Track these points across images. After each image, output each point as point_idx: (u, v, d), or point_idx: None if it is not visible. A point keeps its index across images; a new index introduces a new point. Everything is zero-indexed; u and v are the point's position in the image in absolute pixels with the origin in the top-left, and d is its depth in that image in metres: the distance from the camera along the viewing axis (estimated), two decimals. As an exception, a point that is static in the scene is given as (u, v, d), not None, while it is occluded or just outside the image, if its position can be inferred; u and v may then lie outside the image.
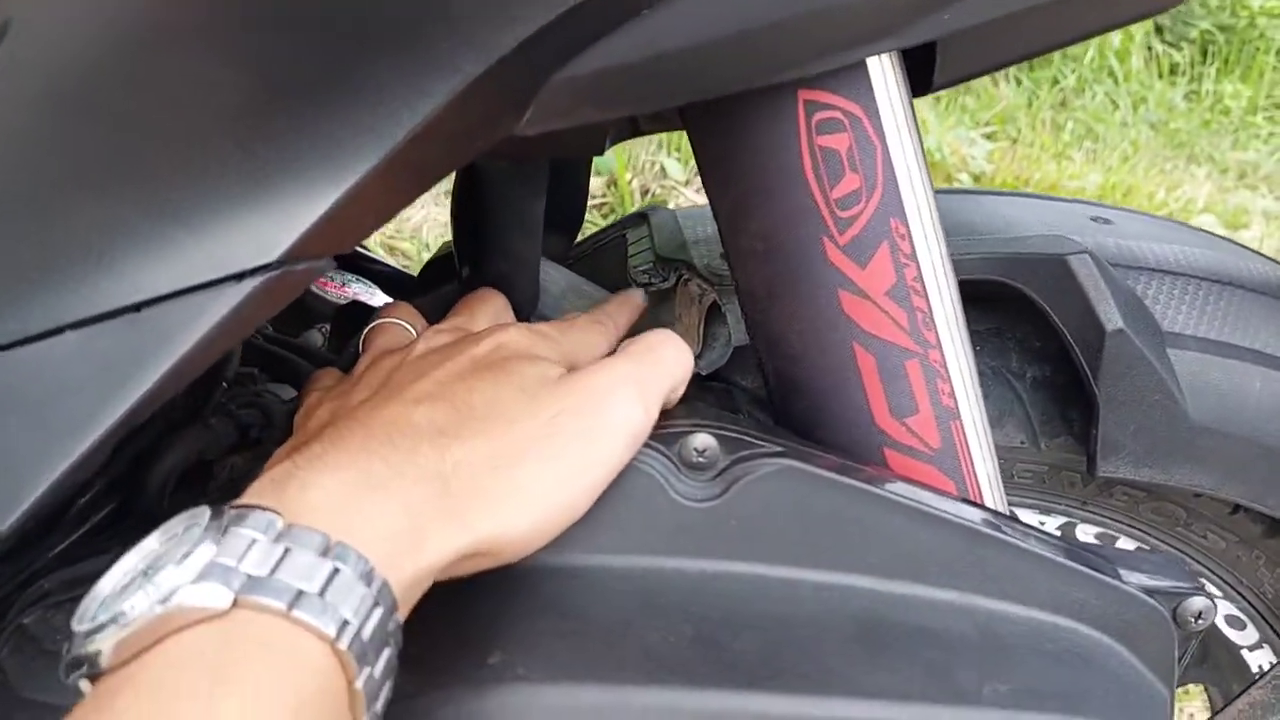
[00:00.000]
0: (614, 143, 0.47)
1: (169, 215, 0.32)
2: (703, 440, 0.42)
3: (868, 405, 0.47)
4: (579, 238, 0.68)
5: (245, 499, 0.34)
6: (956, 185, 2.96)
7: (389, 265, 0.76)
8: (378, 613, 0.33)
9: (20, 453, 0.32)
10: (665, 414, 0.44)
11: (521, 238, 0.52)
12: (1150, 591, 0.45)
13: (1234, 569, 0.63)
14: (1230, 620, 0.65)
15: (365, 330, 0.49)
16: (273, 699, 0.30)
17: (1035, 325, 0.58)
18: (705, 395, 0.54)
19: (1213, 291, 0.57)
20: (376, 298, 0.77)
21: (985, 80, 3.93)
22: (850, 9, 0.38)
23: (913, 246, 0.45)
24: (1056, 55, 3.96)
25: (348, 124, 0.33)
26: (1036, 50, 0.48)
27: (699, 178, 2.22)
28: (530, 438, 0.38)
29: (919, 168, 0.45)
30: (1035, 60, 3.99)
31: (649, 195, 2.49)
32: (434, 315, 0.51)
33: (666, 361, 0.43)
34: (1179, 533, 0.62)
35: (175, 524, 0.34)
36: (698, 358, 0.57)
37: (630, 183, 2.49)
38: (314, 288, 0.78)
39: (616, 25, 0.36)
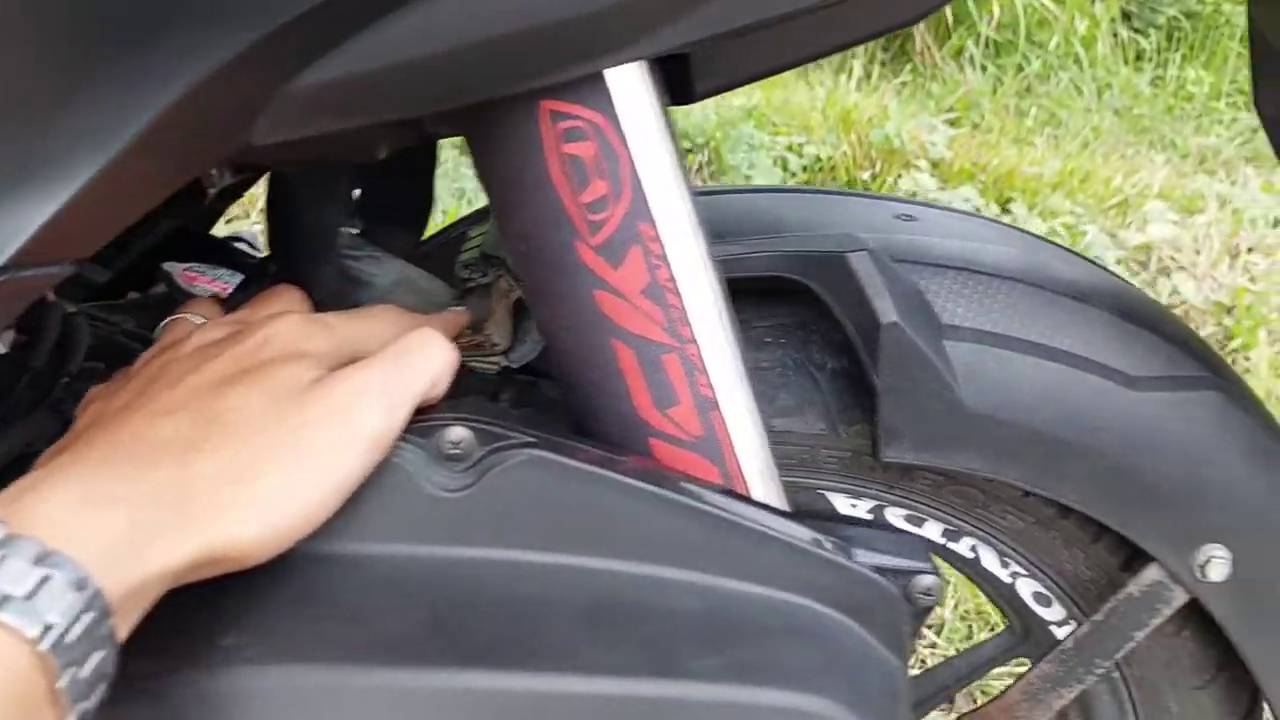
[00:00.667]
0: (394, 148, 0.49)
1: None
2: (458, 433, 0.45)
3: (631, 398, 0.50)
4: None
5: None
6: (912, 171, 2.99)
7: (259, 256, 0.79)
8: (87, 617, 0.35)
9: None
10: (428, 407, 0.46)
11: (320, 234, 0.55)
12: (881, 570, 0.48)
13: (1034, 549, 0.66)
14: (1038, 597, 0.68)
15: (160, 325, 0.51)
16: None
17: (835, 319, 0.61)
18: (506, 388, 0.56)
19: (993, 285, 0.60)
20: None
21: (952, 66, 3.95)
22: (576, 25, 0.41)
23: (664, 249, 0.48)
24: (1022, 40, 3.99)
25: (68, 130, 0.36)
26: (799, 59, 0.51)
27: None
28: (271, 449, 0.40)
29: (672, 174, 0.48)
30: (1001, 46, 4.01)
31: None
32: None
33: (418, 364, 0.45)
34: (979, 514, 0.65)
35: None
36: (508, 352, 0.60)
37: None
38: (183, 282, 0.80)
39: (348, 35, 0.39)
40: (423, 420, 0.46)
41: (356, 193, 0.71)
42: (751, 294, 0.63)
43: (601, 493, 0.45)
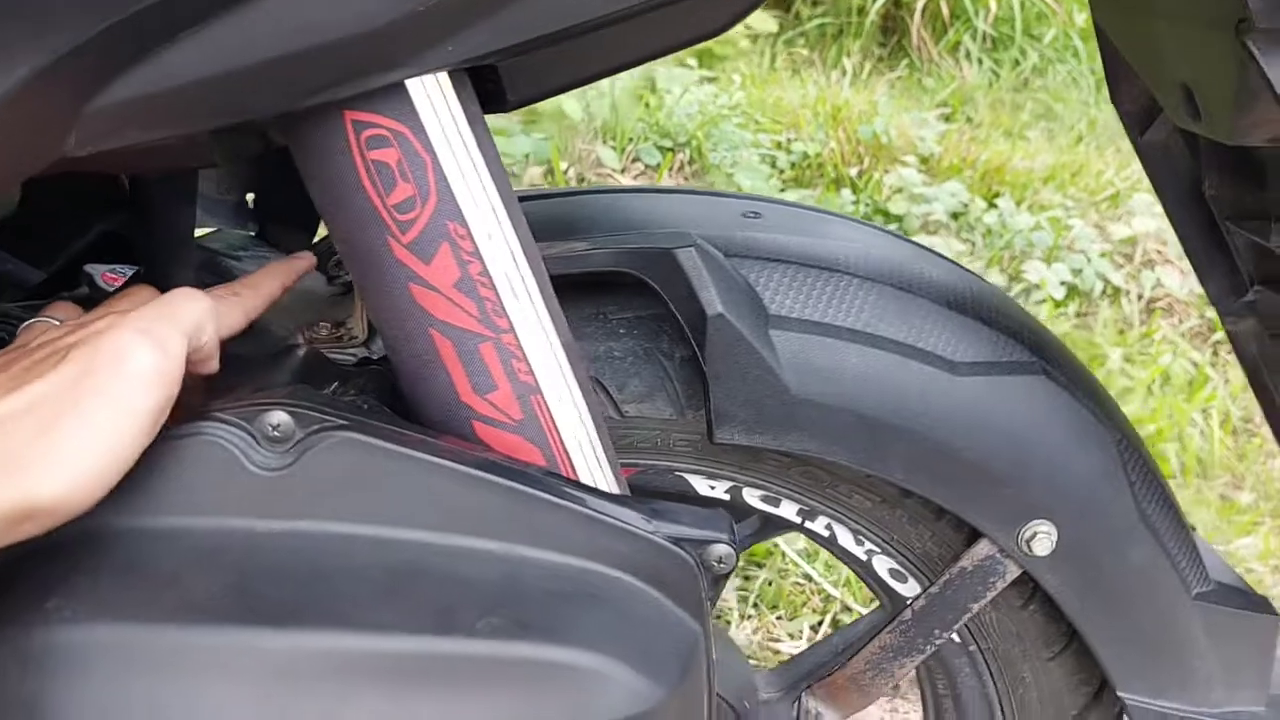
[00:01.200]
0: (228, 157, 0.54)
1: None
2: (278, 416, 0.49)
3: (452, 384, 0.54)
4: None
5: None
6: (898, 167, 3.01)
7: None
8: None
9: None
10: (254, 392, 0.51)
11: (178, 236, 0.59)
12: (678, 540, 0.52)
13: (884, 527, 0.70)
14: (893, 574, 0.71)
15: (20, 326, 0.55)
16: None
17: (679, 311, 0.64)
18: (359, 377, 0.61)
19: (824, 278, 0.63)
20: None
21: (949, 61, 3.96)
22: (362, 40, 0.45)
23: (475, 245, 0.52)
24: (1019, 34, 4.00)
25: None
26: (606, 70, 0.55)
27: (636, 163, 2.27)
28: (57, 403, 0.43)
29: (481, 176, 0.52)
30: (998, 40, 4.02)
31: (584, 183, 2.56)
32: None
33: (176, 307, 0.48)
34: (829, 494, 0.69)
35: None
36: (368, 343, 0.64)
37: (566, 171, 2.56)
38: (103, 283, 0.85)
39: (145, 54, 0.43)
40: (246, 404, 0.50)
41: (250, 196, 0.75)
42: (612, 288, 0.67)
43: (405, 469, 0.49)
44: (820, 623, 1.46)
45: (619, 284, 0.65)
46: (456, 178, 0.51)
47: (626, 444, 0.67)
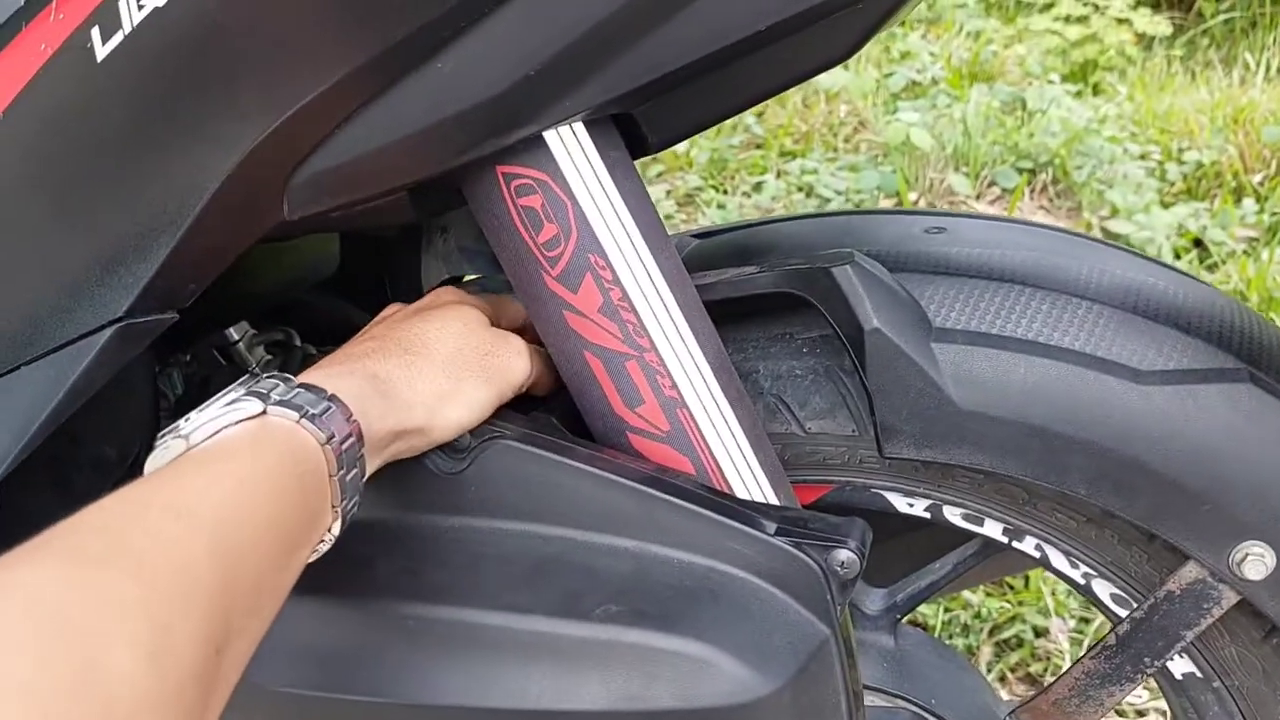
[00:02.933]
0: (426, 212, 0.64)
1: (48, 301, 0.55)
2: (456, 426, 0.59)
3: (606, 399, 0.60)
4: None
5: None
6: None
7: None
8: (351, 439, 0.51)
9: None
10: None
11: (406, 284, 0.70)
12: (801, 545, 0.54)
13: (1094, 547, 0.66)
14: (1116, 599, 0.67)
15: None
16: (286, 464, 0.48)
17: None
18: (556, 398, 0.68)
19: (991, 288, 0.62)
20: None
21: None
22: (492, 105, 0.53)
23: (615, 274, 0.58)
24: None
25: (148, 215, 0.54)
26: (731, 109, 0.59)
27: (991, 188, 2.25)
28: (469, 364, 0.58)
29: (619, 213, 0.58)
30: None
31: (935, 211, 2.52)
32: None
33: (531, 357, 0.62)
34: (1030, 512, 0.66)
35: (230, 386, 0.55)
36: None
37: (915, 201, 2.54)
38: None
39: (330, 133, 0.54)
40: (433, 417, 0.59)
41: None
42: (799, 309, 0.70)
43: (555, 473, 0.56)
44: None
45: (806, 306, 0.68)
46: (595, 216, 0.57)
47: (815, 460, 0.69)
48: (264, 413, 0.50)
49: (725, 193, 2.69)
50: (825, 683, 0.53)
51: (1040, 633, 1.43)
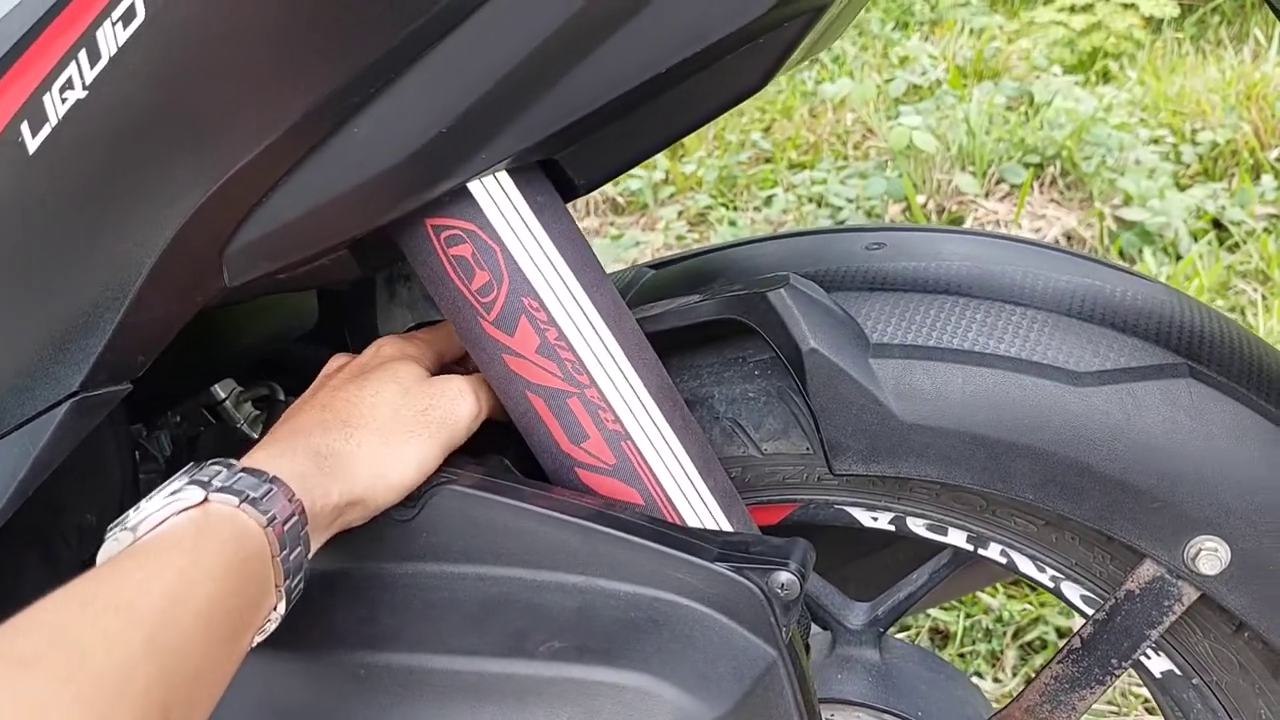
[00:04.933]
0: (366, 271, 0.66)
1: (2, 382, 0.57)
2: (407, 473, 0.60)
3: (552, 437, 0.61)
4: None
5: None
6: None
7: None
8: (294, 519, 0.52)
9: None
10: None
11: (362, 336, 0.72)
12: (742, 570, 0.55)
13: (1058, 551, 0.66)
14: (1086, 601, 0.67)
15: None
16: (230, 551, 0.49)
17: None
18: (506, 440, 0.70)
19: (927, 301, 0.63)
20: None
21: None
22: (412, 164, 0.55)
23: (549, 314, 0.59)
24: None
25: (91, 291, 0.56)
26: (651, 147, 0.61)
27: (1000, 185, 2.24)
28: (408, 424, 0.59)
29: (550, 255, 0.59)
30: None
31: (944, 214, 2.51)
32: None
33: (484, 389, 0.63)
34: (989, 519, 0.67)
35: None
36: None
37: (924, 204, 2.53)
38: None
39: (257, 203, 0.56)
40: (384, 467, 0.61)
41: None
42: (753, 333, 0.71)
43: (502, 515, 0.57)
44: None
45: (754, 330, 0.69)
46: (525, 260, 0.59)
47: (775, 481, 0.70)
48: (205, 500, 0.51)
49: (736, 209, 2.70)
50: (774, 705, 0.54)
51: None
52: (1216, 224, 2.36)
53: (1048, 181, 2.51)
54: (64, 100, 0.51)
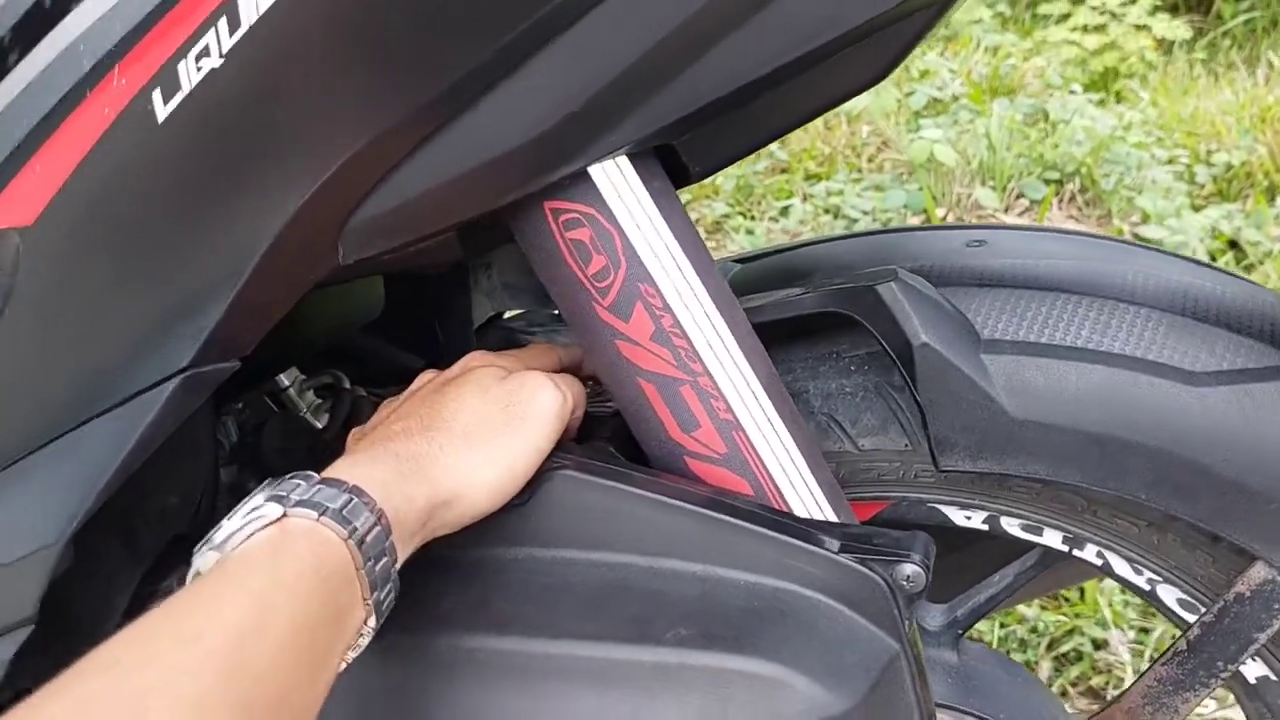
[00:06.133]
0: (473, 252, 0.65)
1: (115, 354, 0.56)
2: (518, 459, 0.59)
3: (662, 424, 0.61)
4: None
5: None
6: None
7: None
8: (376, 529, 0.51)
9: (63, 504, 0.58)
10: None
11: (454, 321, 0.72)
12: (865, 561, 0.54)
13: (1158, 553, 0.66)
14: (1183, 604, 0.67)
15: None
16: (310, 568, 0.47)
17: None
18: (609, 426, 0.69)
19: (1038, 298, 0.63)
20: None
21: None
22: (538, 144, 0.54)
23: (665, 301, 0.59)
24: None
25: (209, 268, 0.55)
26: (767, 137, 0.60)
27: (1019, 200, 2.24)
28: (489, 423, 0.57)
29: (666, 241, 0.59)
30: None
31: (963, 226, 2.51)
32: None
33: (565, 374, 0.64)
34: (1089, 520, 0.66)
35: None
36: None
37: (944, 217, 2.54)
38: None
39: (381, 179, 0.55)
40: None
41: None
42: (846, 328, 0.70)
43: (615, 501, 0.57)
44: None
45: (853, 324, 0.69)
46: (642, 245, 0.58)
47: (870, 477, 0.70)
48: (284, 516, 0.50)
49: (752, 218, 2.70)
50: (898, 698, 0.53)
51: (1099, 645, 1.42)
52: (1233, 244, 2.37)
53: (1067, 198, 2.52)
54: (199, 68, 0.50)
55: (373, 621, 0.51)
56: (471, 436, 0.57)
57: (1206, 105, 2.96)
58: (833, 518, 0.62)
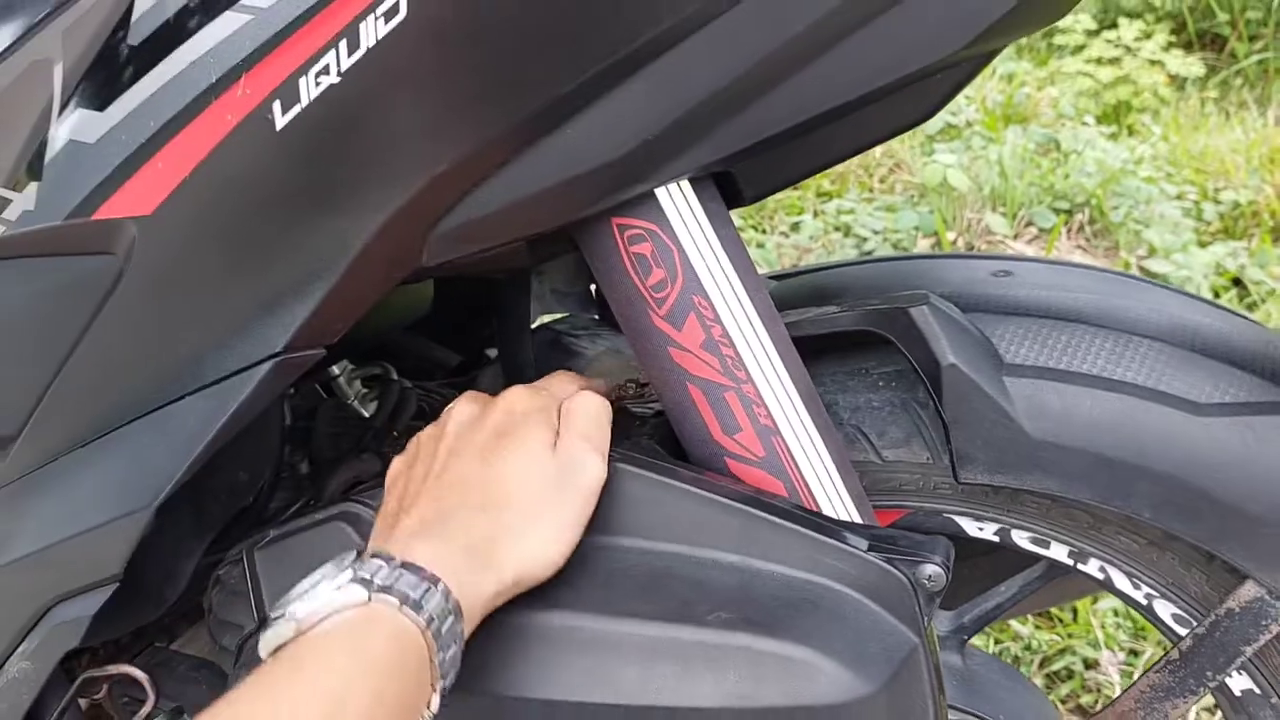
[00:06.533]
0: (539, 260, 0.70)
1: (214, 336, 0.62)
2: (574, 452, 0.64)
3: (706, 427, 0.66)
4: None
5: (372, 549, 0.57)
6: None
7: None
8: (450, 619, 0.54)
9: (156, 472, 0.63)
10: None
11: (514, 323, 0.77)
12: (891, 560, 0.60)
13: (1156, 570, 0.71)
14: (1177, 619, 0.72)
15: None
16: (390, 654, 0.51)
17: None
18: (651, 423, 0.74)
19: (1058, 328, 0.68)
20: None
21: None
22: (612, 167, 0.60)
23: (715, 313, 0.64)
24: None
25: (309, 261, 0.61)
26: (820, 166, 0.66)
27: (1029, 228, 2.29)
28: (546, 499, 0.60)
29: (720, 259, 0.64)
30: None
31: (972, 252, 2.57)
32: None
33: (604, 419, 0.65)
34: (1094, 536, 0.71)
35: (337, 559, 0.56)
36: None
37: (954, 241, 2.59)
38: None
39: (466, 192, 0.61)
40: (551, 445, 0.65)
41: (594, 287, 0.93)
42: (874, 346, 0.75)
43: (663, 493, 0.62)
44: None
45: (881, 343, 0.74)
46: (698, 262, 0.64)
47: (891, 487, 0.75)
48: (368, 600, 0.53)
49: (764, 232, 2.75)
50: (915, 689, 0.58)
51: (1090, 664, 1.47)
52: (1237, 281, 2.42)
53: (1075, 228, 2.58)
54: (318, 84, 0.55)
55: (436, 702, 0.54)
56: (530, 515, 0.60)
57: (1217, 143, 3.01)
58: (859, 520, 0.67)
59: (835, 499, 0.66)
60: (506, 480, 0.61)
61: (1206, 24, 3.78)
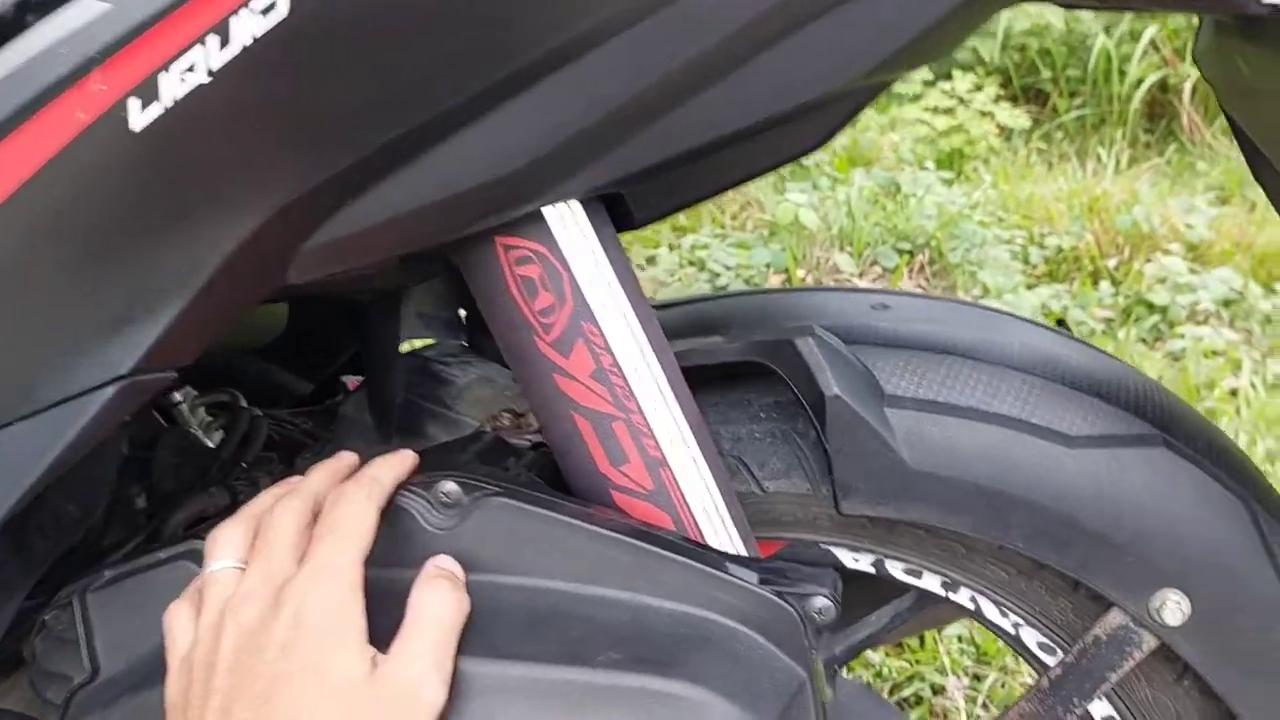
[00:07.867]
0: (418, 279, 0.67)
1: (48, 356, 0.56)
2: (449, 485, 0.61)
3: (592, 458, 0.64)
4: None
5: None
6: (1159, 255, 2.88)
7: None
8: None
9: None
10: (430, 466, 0.63)
11: (381, 349, 0.73)
12: (780, 593, 0.58)
13: (1024, 598, 0.72)
14: (1042, 647, 0.73)
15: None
16: None
17: (815, 395, 0.71)
18: (528, 455, 0.72)
19: (936, 360, 0.69)
20: None
21: (1224, 142, 3.77)
22: (499, 184, 0.57)
23: (606, 341, 0.62)
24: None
25: (159, 277, 0.56)
26: (709, 192, 0.65)
27: (874, 267, 2.35)
28: None
29: (611, 285, 0.62)
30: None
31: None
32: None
33: (451, 614, 0.55)
34: (966, 566, 0.72)
35: None
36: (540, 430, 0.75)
37: (804, 278, 2.65)
38: (350, 388, 1.02)
39: (341, 205, 0.57)
40: (425, 478, 0.62)
41: (462, 312, 0.90)
42: (756, 377, 0.75)
43: (548, 529, 0.59)
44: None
45: (764, 373, 0.73)
46: (588, 286, 0.61)
47: (771, 518, 0.74)
48: None
49: (621, 265, 2.76)
50: (803, 723, 0.57)
51: (938, 690, 1.50)
52: (1060, 322, 2.56)
53: (917, 268, 2.68)
54: (183, 82, 0.51)
55: None
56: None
57: (1042, 191, 3.19)
58: (744, 553, 0.66)
59: (723, 532, 0.65)
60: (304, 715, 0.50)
61: (1031, 79, 4.01)
